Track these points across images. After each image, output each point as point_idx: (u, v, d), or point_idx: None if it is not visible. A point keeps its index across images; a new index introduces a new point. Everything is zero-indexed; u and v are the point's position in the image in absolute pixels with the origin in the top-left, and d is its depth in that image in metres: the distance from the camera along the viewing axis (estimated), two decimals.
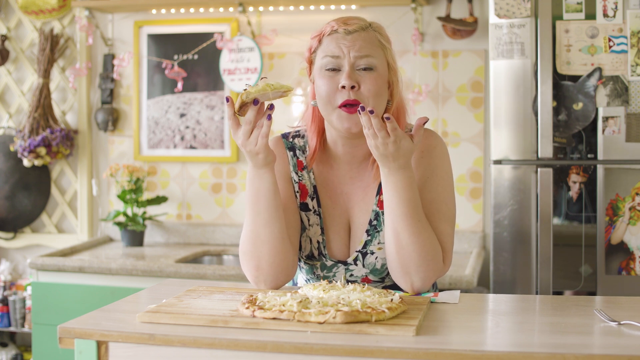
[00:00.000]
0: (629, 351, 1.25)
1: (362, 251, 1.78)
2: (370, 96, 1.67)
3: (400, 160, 1.60)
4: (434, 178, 1.74)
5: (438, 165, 1.75)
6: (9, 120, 3.80)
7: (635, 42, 2.59)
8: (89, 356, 1.40)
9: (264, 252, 1.69)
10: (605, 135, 2.62)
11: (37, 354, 3.16)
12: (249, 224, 1.70)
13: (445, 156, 1.78)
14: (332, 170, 1.82)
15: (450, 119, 3.32)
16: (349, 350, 1.29)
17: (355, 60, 1.68)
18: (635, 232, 2.63)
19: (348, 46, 1.69)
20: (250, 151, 1.63)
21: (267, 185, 1.67)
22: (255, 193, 1.67)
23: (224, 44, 3.46)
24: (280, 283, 1.73)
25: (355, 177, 1.80)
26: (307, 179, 1.83)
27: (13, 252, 3.85)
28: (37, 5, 3.65)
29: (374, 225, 1.77)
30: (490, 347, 1.30)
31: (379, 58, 1.71)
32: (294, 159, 1.84)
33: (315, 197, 1.82)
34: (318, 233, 1.81)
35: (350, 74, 1.67)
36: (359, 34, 1.70)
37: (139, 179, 3.49)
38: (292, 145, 1.85)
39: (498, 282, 2.72)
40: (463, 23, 3.21)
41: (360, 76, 1.68)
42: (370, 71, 1.69)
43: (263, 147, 1.62)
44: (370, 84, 1.67)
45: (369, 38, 1.71)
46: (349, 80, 1.66)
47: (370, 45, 1.70)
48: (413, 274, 1.66)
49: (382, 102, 1.70)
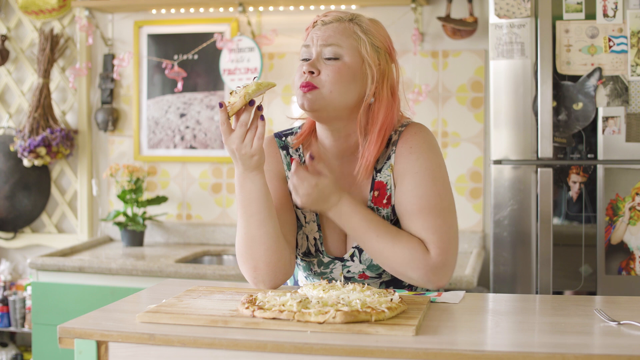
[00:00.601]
0: (629, 351, 1.25)
1: (358, 247, 1.78)
2: (329, 81, 1.69)
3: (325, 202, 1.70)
4: (423, 172, 1.72)
5: (427, 158, 1.74)
6: (9, 120, 3.80)
7: (635, 42, 2.59)
8: (89, 356, 1.40)
9: (260, 253, 1.69)
10: (605, 135, 2.62)
11: (37, 354, 3.16)
12: (242, 226, 1.70)
13: (434, 148, 1.77)
14: (326, 167, 1.82)
15: (450, 119, 3.32)
16: (348, 350, 1.29)
17: (320, 49, 1.72)
18: (635, 232, 2.63)
19: (318, 36, 1.73)
20: (245, 154, 1.63)
21: (259, 187, 1.67)
22: (248, 196, 1.67)
23: (224, 44, 3.46)
24: (279, 282, 1.73)
25: (347, 173, 1.80)
26: None
27: (13, 252, 3.86)
28: (37, 5, 3.65)
29: None
30: (490, 347, 1.30)
31: (348, 48, 1.71)
32: (287, 157, 1.85)
33: None
34: (314, 230, 1.81)
35: (312, 62, 1.71)
36: (333, 25, 1.73)
37: (139, 179, 3.49)
38: (284, 144, 1.86)
39: (498, 282, 2.72)
40: (463, 23, 3.21)
41: (325, 64, 1.71)
42: (334, 60, 1.71)
43: (258, 148, 1.62)
44: (329, 71, 1.70)
45: (341, 29, 1.73)
46: (308, 66, 1.71)
47: (339, 35, 1.72)
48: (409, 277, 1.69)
49: (346, 92, 1.71)
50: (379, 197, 1.76)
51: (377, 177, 1.77)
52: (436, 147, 1.77)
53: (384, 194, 1.76)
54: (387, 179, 1.76)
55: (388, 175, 1.76)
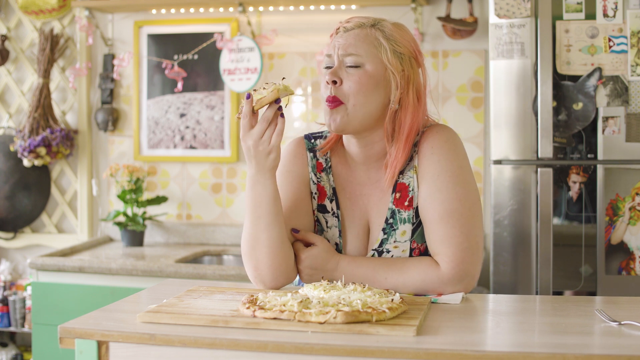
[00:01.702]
0: (629, 351, 1.25)
1: (378, 250, 1.76)
2: (352, 93, 1.67)
3: None
4: (444, 175, 1.69)
5: (448, 159, 1.70)
6: (9, 120, 3.80)
7: (635, 42, 2.59)
8: (90, 356, 1.40)
9: (263, 255, 1.68)
10: (605, 135, 2.62)
11: (37, 354, 3.16)
12: (248, 227, 1.70)
13: (458, 149, 1.73)
14: (350, 172, 1.81)
15: (450, 119, 3.32)
16: (349, 350, 1.29)
17: (342, 57, 1.70)
18: (635, 232, 2.63)
19: (340, 44, 1.70)
20: (262, 150, 1.61)
21: (270, 191, 1.66)
22: (257, 199, 1.66)
23: (224, 44, 3.46)
24: (279, 285, 1.73)
25: (373, 178, 1.78)
26: (326, 180, 1.81)
27: (13, 252, 3.85)
28: (37, 5, 3.65)
29: (390, 224, 1.75)
30: (490, 347, 1.30)
31: (369, 56, 1.69)
32: (313, 160, 1.82)
33: (334, 199, 1.80)
34: (336, 235, 1.79)
35: (334, 70, 1.69)
36: (354, 32, 1.71)
37: (139, 179, 3.49)
38: (312, 147, 1.84)
39: (498, 282, 2.72)
40: (463, 23, 3.21)
41: (348, 73, 1.69)
42: (356, 69, 1.69)
43: (276, 145, 1.61)
44: (352, 81, 1.68)
45: (363, 36, 1.71)
46: (330, 76, 1.69)
47: (361, 43, 1.70)
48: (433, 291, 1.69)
49: (370, 101, 1.69)
50: (401, 199, 1.74)
51: (400, 178, 1.74)
52: (459, 148, 1.73)
53: (405, 196, 1.74)
54: (409, 180, 1.74)
55: (411, 177, 1.74)
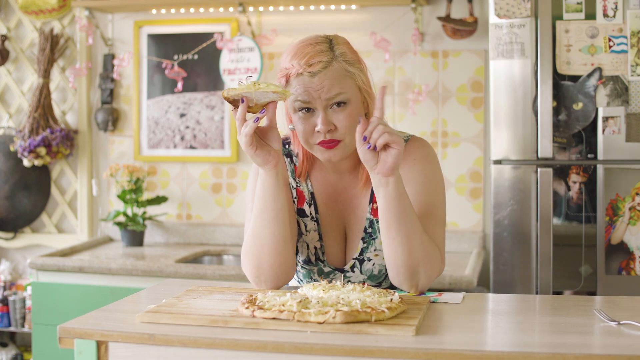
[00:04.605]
0: (629, 351, 1.25)
1: (359, 258, 1.79)
2: (347, 131, 1.67)
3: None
4: (429, 183, 1.75)
5: (432, 170, 1.76)
6: (9, 120, 3.80)
7: (635, 42, 2.59)
8: (89, 356, 1.40)
9: (265, 252, 1.69)
10: (605, 135, 2.62)
11: (37, 354, 3.16)
12: (252, 224, 1.71)
13: (437, 162, 1.80)
14: (326, 178, 1.84)
15: (450, 119, 3.32)
16: (348, 350, 1.29)
17: (326, 102, 1.66)
18: (635, 232, 2.63)
19: (317, 89, 1.66)
20: (244, 150, 1.62)
21: (269, 184, 1.66)
22: (260, 192, 1.67)
23: (224, 44, 3.46)
24: (280, 284, 1.73)
25: (348, 186, 1.82)
26: (304, 185, 1.84)
27: (13, 252, 3.86)
28: (37, 5, 3.65)
29: (369, 233, 1.79)
30: (490, 347, 1.30)
31: (350, 89, 1.68)
32: (290, 165, 1.85)
33: (312, 203, 1.83)
34: (315, 239, 1.82)
35: (324, 119, 1.66)
36: (324, 74, 1.66)
37: (139, 179, 3.49)
38: (288, 152, 1.86)
39: (498, 282, 2.72)
40: (463, 23, 3.21)
41: (335, 114, 1.67)
42: (344, 106, 1.67)
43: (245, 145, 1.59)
44: (345, 121, 1.67)
45: (335, 73, 1.67)
46: (325, 126, 1.66)
47: (337, 80, 1.66)
48: (421, 273, 1.64)
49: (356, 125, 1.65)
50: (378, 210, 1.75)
51: None
52: (438, 162, 1.80)
53: None
54: None
55: None
